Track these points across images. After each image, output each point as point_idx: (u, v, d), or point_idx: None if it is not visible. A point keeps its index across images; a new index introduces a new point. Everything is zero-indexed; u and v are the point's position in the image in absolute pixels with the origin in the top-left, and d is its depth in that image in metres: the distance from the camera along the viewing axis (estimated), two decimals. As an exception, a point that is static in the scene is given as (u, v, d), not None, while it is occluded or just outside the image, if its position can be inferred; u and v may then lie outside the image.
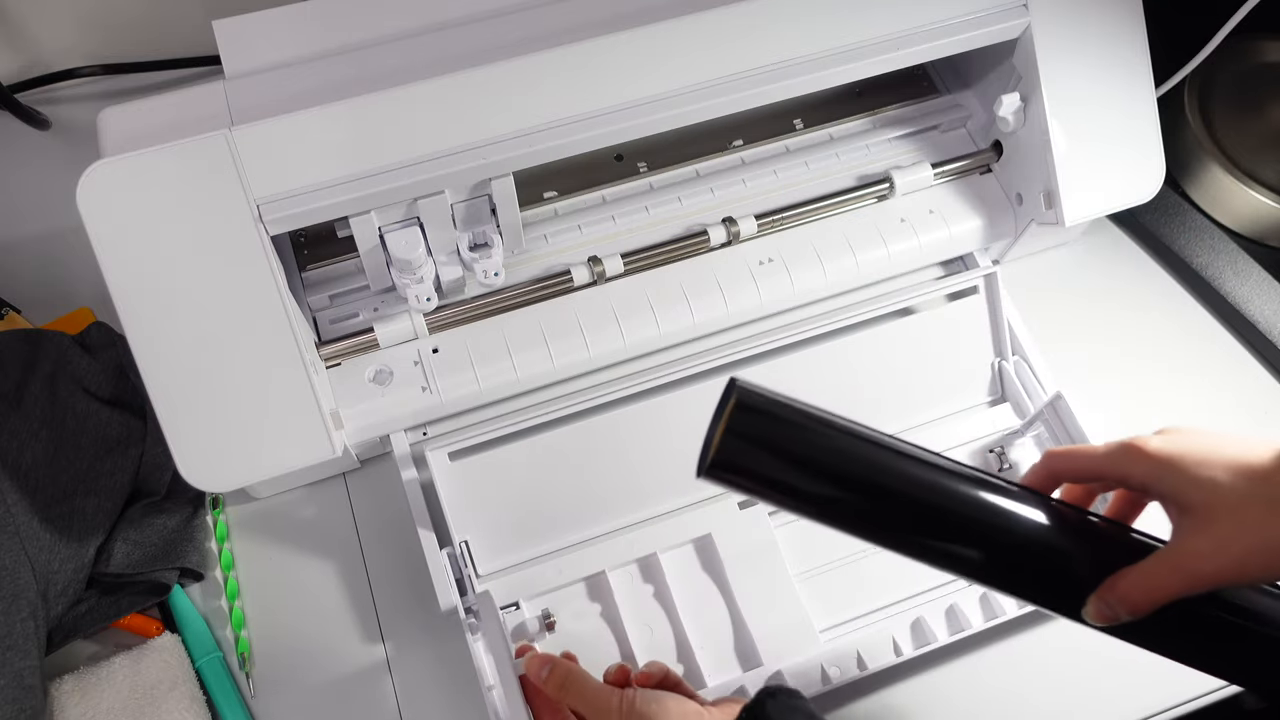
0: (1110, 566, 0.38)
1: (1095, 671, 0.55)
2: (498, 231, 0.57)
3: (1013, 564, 0.40)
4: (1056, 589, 0.40)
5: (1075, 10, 0.59)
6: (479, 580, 0.55)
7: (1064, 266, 0.71)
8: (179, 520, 0.57)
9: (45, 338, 0.58)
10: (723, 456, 0.39)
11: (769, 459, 0.39)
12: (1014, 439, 0.61)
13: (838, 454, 0.39)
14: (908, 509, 0.40)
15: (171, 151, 0.49)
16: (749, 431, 0.39)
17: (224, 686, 0.54)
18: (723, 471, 0.39)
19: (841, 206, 0.64)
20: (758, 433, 0.39)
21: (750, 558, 0.56)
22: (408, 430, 0.59)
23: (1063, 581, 0.39)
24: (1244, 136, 0.72)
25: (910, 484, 0.40)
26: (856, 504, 0.40)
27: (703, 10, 0.54)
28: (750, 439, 0.39)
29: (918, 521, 0.40)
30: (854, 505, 0.40)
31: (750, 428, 0.39)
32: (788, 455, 0.39)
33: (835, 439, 0.40)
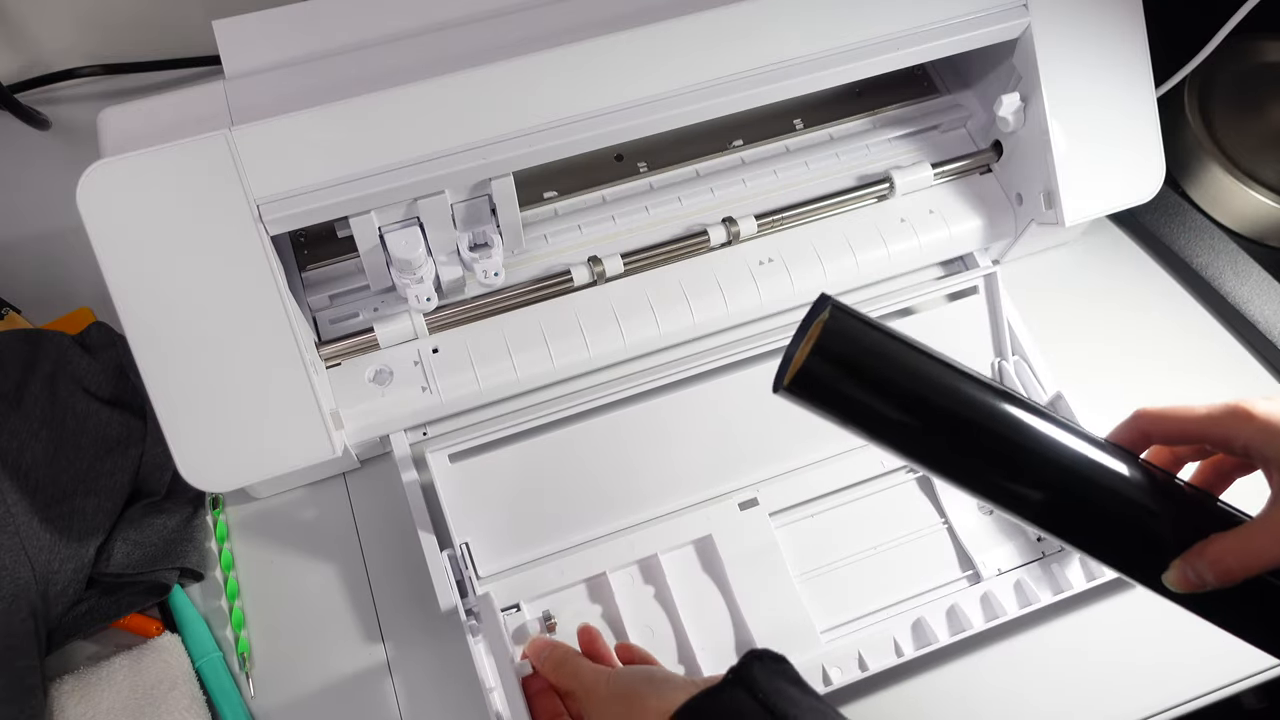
0: (1199, 532, 0.36)
1: (1095, 671, 0.55)
2: (498, 231, 0.57)
3: (1095, 518, 0.38)
4: (1138, 549, 0.38)
5: (1075, 10, 0.59)
6: (480, 582, 0.55)
7: (1064, 266, 0.71)
8: (179, 520, 0.57)
9: (45, 338, 0.58)
10: (803, 377, 0.38)
11: (852, 385, 0.38)
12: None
13: (924, 386, 0.38)
14: (990, 448, 0.38)
15: (171, 151, 0.49)
16: (834, 356, 0.38)
17: (224, 686, 0.54)
18: (801, 392, 0.38)
19: (841, 206, 0.64)
20: (843, 358, 0.38)
21: (751, 558, 0.56)
22: (408, 430, 0.59)
23: (1146, 542, 0.38)
24: (1244, 136, 0.72)
25: (995, 421, 0.38)
26: (937, 440, 0.38)
27: (703, 10, 0.54)
28: (835, 362, 0.38)
29: (998, 461, 0.38)
30: (935, 441, 0.38)
31: (836, 352, 0.38)
32: (872, 384, 0.38)
33: (923, 370, 0.38)
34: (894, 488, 0.60)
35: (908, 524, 0.58)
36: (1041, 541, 0.58)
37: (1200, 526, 0.37)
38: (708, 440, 0.60)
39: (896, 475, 0.60)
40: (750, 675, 0.42)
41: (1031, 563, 0.57)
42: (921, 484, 0.60)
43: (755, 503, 0.58)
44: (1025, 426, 0.38)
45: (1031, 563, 0.57)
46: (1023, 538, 0.58)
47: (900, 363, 0.38)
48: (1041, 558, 0.57)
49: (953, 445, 0.39)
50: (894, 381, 0.38)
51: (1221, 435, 0.38)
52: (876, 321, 0.39)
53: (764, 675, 0.42)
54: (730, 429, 0.60)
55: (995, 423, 0.38)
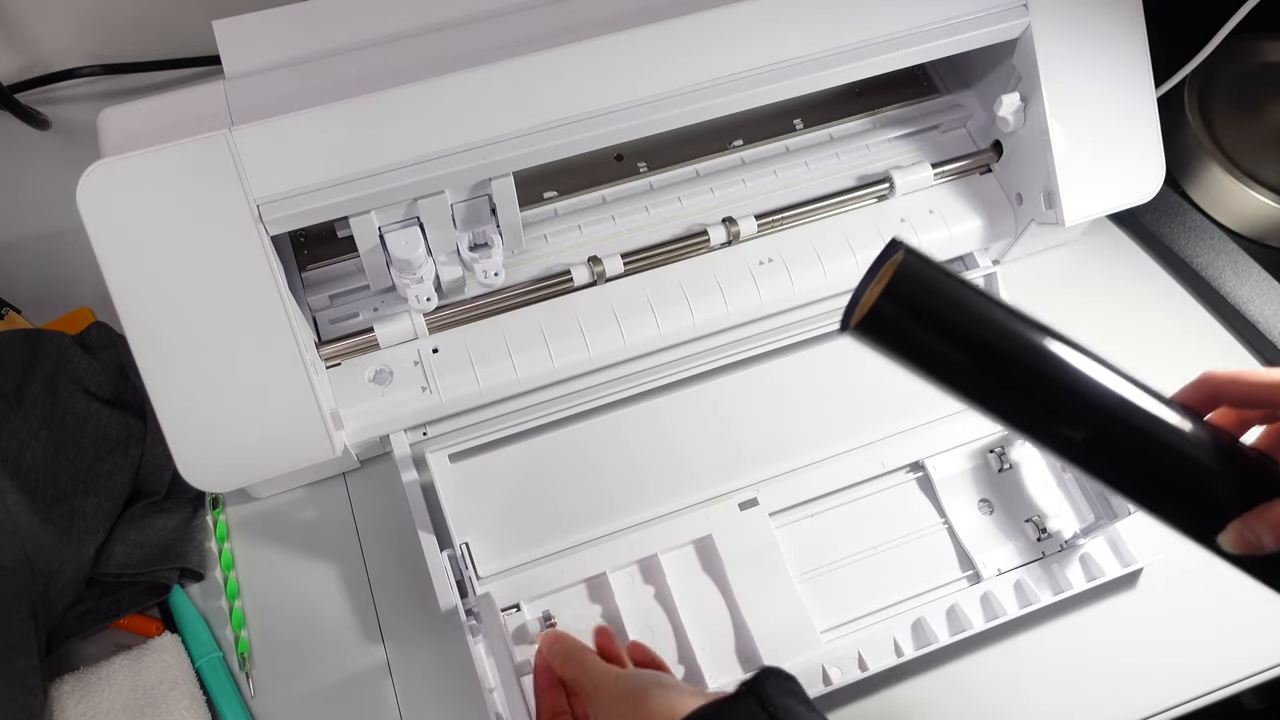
0: (1260, 495, 0.37)
1: (1095, 671, 0.55)
2: (498, 231, 0.57)
3: (1157, 473, 0.38)
4: (1198, 506, 0.38)
5: (1075, 10, 0.59)
6: (480, 582, 0.55)
7: (1064, 266, 0.71)
8: (179, 520, 0.57)
9: (45, 338, 0.58)
10: (873, 318, 0.38)
11: (920, 328, 0.38)
12: (1013, 439, 0.61)
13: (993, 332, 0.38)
14: (1054, 398, 0.38)
15: (171, 151, 0.49)
16: (904, 298, 0.38)
17: (224, 686, 0.54)
18: (869, 333, 0.39)
19: (841, 206, 0.64)
20: (913, 301, 0.38)
21: (751, 558, 0.56)
22: (408, 430, 0.59)
23: (1206, 500, 0.38)
24: (1244, 136, 0.72)
25: (1062, 372, 0.38)
26: (1003, 387, 0.39)
27: (703, 10, 0.54)
28: (905, 305, 0.38)
29: (1061, 411, 0.38)
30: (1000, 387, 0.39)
31: (906, 295, 0.38)
32: (940, 328, 0.38)
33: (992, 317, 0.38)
34: (894, 488, 0.60)
35: (908, 524, 0.58)
36: (1041, 541, 0.58)
37: (1262, 490, 0.37)
38: (708, 440, 0.60)
39: (896, 475, 0.60)
40: (763, 689, 0.42)
41: (1031, 563, 0.57)
42: (921, 484, 0.60)
43: (755, 503, 0.58)
44: (1092, 379, 0.38)
45: (1031, 563, 0.57)
46: (1023, 538, 0.58)
47: (970, 308, 0.39)
48: (1041, 558, 0.57)
49: (1018, 392, 0.39)
50: (963, 326, 0.38)
51: None
52: (948, 268, 0.39)
53: (775, 691, 0.42)
54: (730, 429, 0.60)
55: (1062, 373, 0.38)
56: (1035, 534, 0.58)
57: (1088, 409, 0.38)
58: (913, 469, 0.60)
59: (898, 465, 0.60)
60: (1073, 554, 0.57)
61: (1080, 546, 0.57)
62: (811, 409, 0.61)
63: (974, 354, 0.39)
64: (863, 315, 0.38)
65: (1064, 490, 0.60)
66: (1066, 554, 0.57)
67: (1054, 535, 0.58)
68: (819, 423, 0.61)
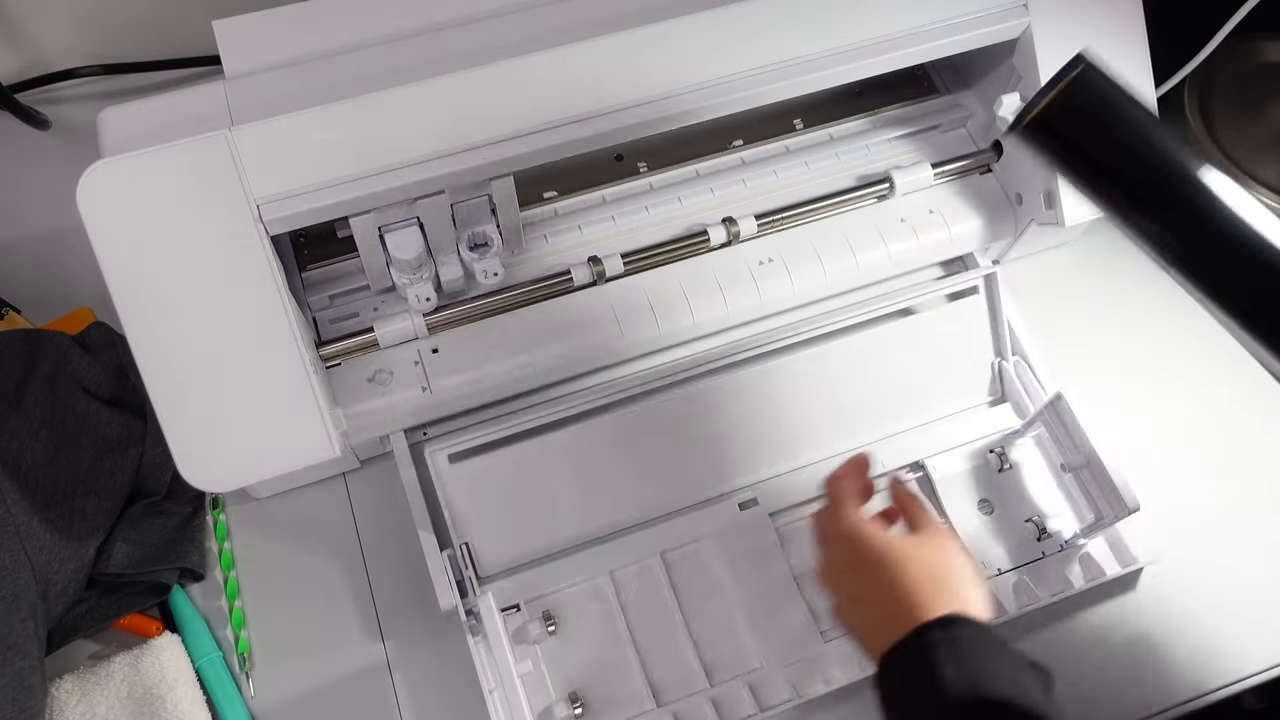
0: None
1: (1095, 671, 0.55)
2: (498, 231, 0.57)
3: None
4: None
5: (1075, 10, 0.59)
6: (479, 582, 0.55)
7: (1064, 266, 0.70)
8: (179, 520, 0.57)
9: (45, 338, 0.58)
10: (1043, 120, 0.40)
11: (1086, 139, 0.40)
12: (1014, 439, 0.61)
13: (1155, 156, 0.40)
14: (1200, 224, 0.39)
15: (171, 151, 0.49)
16: (1080, 106, 0.40)
17: (224, 686, 0.54)
18: (1037, 135, 0.40)
19: (841, 206, 0.64)
20: (1087, 112, 0.40)
21: (751, 558, 0.56)
22: (408, 430, 0.59)
23: None
24: (1244, 136, 0.72)
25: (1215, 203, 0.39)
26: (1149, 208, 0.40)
27: (703, 10, 0.54)
28: (1079, 114, 0.40)
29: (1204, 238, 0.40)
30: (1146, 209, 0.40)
31: (1082, 105, 0.40)
32: (1104, 144, 0.40)
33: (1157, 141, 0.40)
34: (894, 488, 0.60)
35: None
36: (1041, 541, 0.58)
37: None
38: (708, 440, 0.60)
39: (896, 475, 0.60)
40: None
41: (1031, 563, 0.57)
42: (921, 484, 0.60)
43: (755, 503, 0.58)
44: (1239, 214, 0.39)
45: (1031, 563, 0.57)
46: (1023, 538, 0.58)
47: (1133, 133, 0.40)
48: (1041, 558, 0.57)
49: (1158, 213, 0.40)
50: (1126, 152, 0.40)
51: None
52: (1126, 90, 0.40)
53: None
54: (730, 429, 0.60)
55: (1214, 205, 0.39)
56: (1035, 534, 0.58)
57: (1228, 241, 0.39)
58: (913, 469, 0.60)
59: (898, 465, 0.60)
60: (1073, 554, 0.57)
61: (1080, 546, 0.57)
62: (811, 409, 0.61)
63: (1126, 179, 0.40)
64: (1035, 117, 0.40)
65: (1064, 490, 0.60)
66: (1066, 554, 0.57)
67: (1054, 535, 0.58)
68: (819, 423, 0.61)
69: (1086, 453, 0.57)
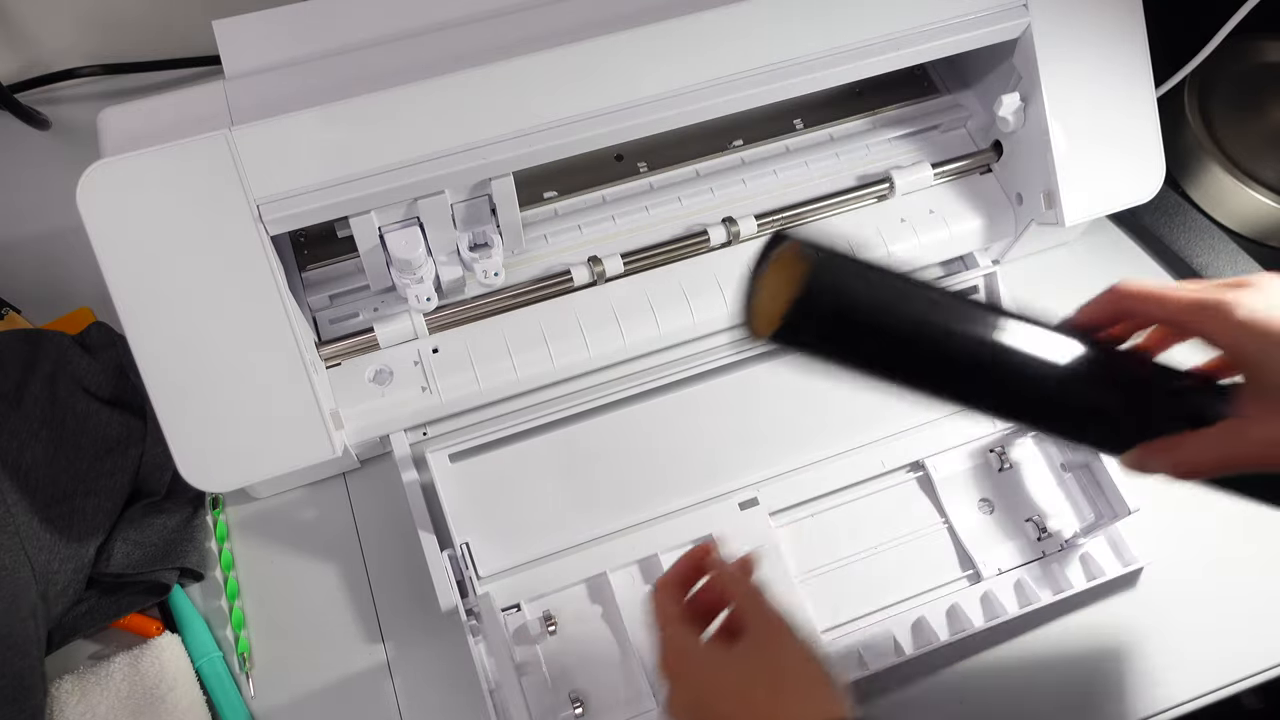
0: (1171, 421, 0.38)
1: (1095, 671, 0.55)
2: (498, 231, 0.57)
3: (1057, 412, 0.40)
4: (1100, 434, 0.41)
5: (1075, 10, 0.59)
6: (480, 582, 0.55)
7: (1064, 266, 0.71)
8: (179, 520, 0.57)
9: (45, 338, 0.58)
10: (787, 328, 0.38)
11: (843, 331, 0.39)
12: (1014, 439, 0.61)
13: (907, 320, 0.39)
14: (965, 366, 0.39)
15: (171, 151, 0.49)
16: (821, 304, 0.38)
17: (224, 686, 0.54)
18: (785, 342, 0.39)
19: (841, 206, 0.64)
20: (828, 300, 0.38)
21: (750, 558, 0.56)
22: (408, 430, 0.59)
23: (1109, 429, 0.40)
24: (1244, 136, 0.72)
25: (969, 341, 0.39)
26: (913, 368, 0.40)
27: (703, 10, 0.54)
28: (824, 310, 0.38)
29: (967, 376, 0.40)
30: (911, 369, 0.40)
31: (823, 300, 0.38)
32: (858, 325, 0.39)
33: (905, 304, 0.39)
34: (894, 488, 0.60)
35: (908, 524, 0.58)
36: (1041, 541, 0.58)
37: (1173, 414, 0.39)
38: (708, 440, 0.60)
39: (896, 475, 0.60)
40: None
41: (1031, 563, 0.57)
42: (921, 484, 0.60)
43: (755, 502, 0.58)
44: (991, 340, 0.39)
45: (1031, 563, 0.57)
46: (1023, 538, 0.58)
47: (887, 301, 0.39)
48: (1041, 557, 0.57)
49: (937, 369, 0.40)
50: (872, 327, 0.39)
51: (1199, 330, 0.38)
52: (851, 254, 0.39)
53: None
54: (730, 429, 0.60)
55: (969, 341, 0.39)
56: (1035, 533, 0.58)
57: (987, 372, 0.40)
58: (913, 469, 0.60)
59: (898, 465, 0.60)
60: (1073, 554, 0.57)
61: (1080, 546, 0.57)
62: (812, 409, 0.61)
63: (893, 345, 0.39)
64: (777, 323, 0.38)
65: (1064, 490, 0.60)
66: (1066, 554, 0.57)
67: (1054, 535, 0.58)
68: (819, 422, 0.61)
69: (1086, 452, 0.57)
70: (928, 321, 0.39)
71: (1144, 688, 0.54)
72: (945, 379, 0.40)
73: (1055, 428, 0.42)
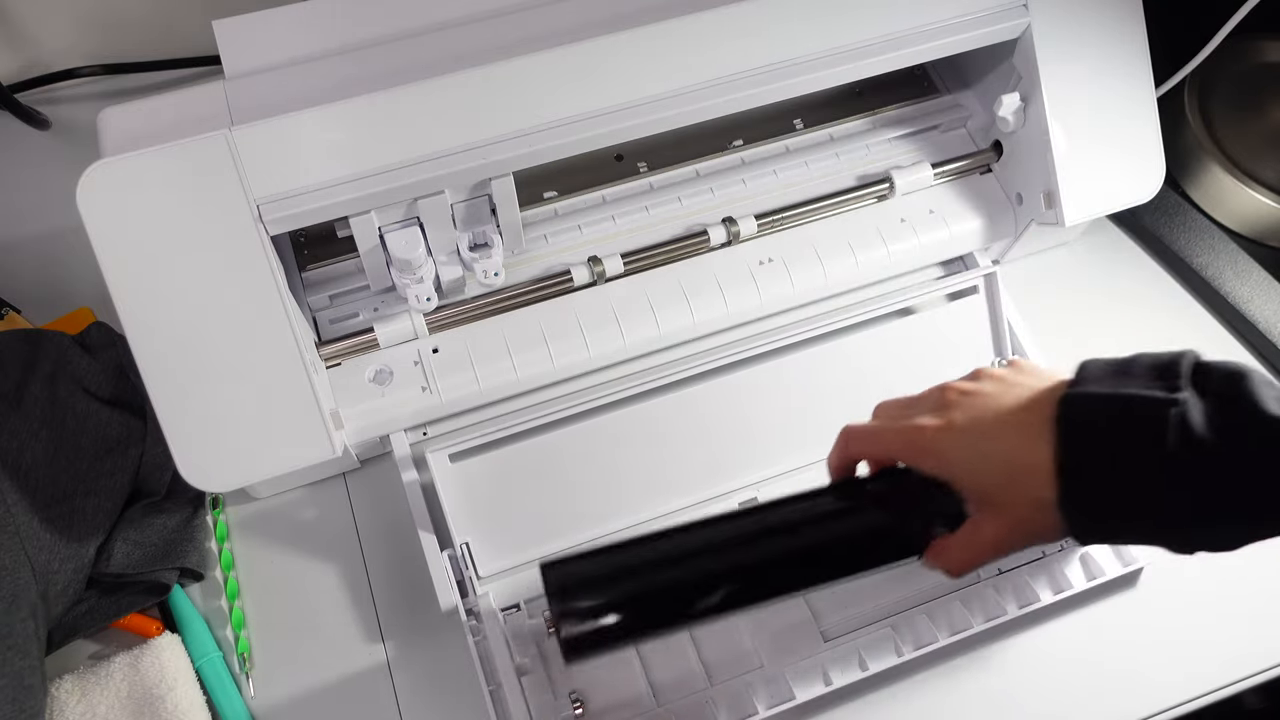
0: (927, 536, 0.44)
1: (1095, 672, 0.55)
2: (498, 231, 0.57)
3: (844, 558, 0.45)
4: (898, 556, 0.45)
5: (1075, 10, 0.59)
6: (480, 582, 0.55)
7: (1064, 266, 0.71)
8: (179, 520, 0.57)
9: (45, 338, 0.58)
10: (570, 650, 0.42)
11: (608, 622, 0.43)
12: (1014, 439, 0.61)
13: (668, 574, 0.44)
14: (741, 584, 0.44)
15: (171, 151, 0.49)
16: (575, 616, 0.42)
17: (224, 686, 0.54)
18: (584, 657, 0.43)
19: (841, 206, 0.64)
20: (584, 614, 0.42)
21: (750, 558, 0.56)
22: (408, 430, 0.59)
23: (891, 552, 0.45)
24: (1244, 136, 0.72)
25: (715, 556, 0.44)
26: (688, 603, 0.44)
27: (703, 10, 0.54)
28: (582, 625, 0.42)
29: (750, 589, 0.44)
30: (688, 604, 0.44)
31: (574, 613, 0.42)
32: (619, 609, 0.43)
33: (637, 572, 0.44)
34: (894, 488, 0.60)
35: (908, 524, 0.58)
36: (1041, 541, 0.58)
37: (925, 532, 0.44)
38: (708, 440, 0.59)
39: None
40: None
41: (1031, 562, 0.57)
42: (921, 484, 0.60)
43: (755, 502, 0.58)
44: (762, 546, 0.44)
45: (1031, 562, 0.57)
46: (1023, 538, 0.58)
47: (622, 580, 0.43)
48: (1042, 557, 0.57)
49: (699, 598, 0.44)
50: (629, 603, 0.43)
51: (911, 464, 0.44)
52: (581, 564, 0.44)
53: None
54: (730, 429, 0.60)
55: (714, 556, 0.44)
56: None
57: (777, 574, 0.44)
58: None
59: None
60: (1073, 554, 0.57)
61: (1080, 546, 0.57)
62: (811, 409, 0.61)
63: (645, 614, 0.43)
64: (563, 647, 0.42)
65: (1064, 490, 0.60)
66: (1066, 554, 0.57)
67: (1054, 535, 0.58)
68: (819, 423, 0.60)
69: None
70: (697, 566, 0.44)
71: (1144, 688, 0.54)
72: (740, 601, 0.44)
73: (857, 569, 0.45)
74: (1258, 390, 0.36)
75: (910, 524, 0.44)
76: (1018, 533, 0.41)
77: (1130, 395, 0.38)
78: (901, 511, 0.45)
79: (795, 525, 0.45)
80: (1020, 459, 0.40)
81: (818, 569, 0.45)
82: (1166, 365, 0.39)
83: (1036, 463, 0.39)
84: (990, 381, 0.44)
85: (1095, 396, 0.39)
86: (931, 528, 0.44)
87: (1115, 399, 0.38)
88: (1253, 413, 0.36)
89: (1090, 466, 0.39)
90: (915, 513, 0.44)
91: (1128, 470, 0.38)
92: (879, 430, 0.46)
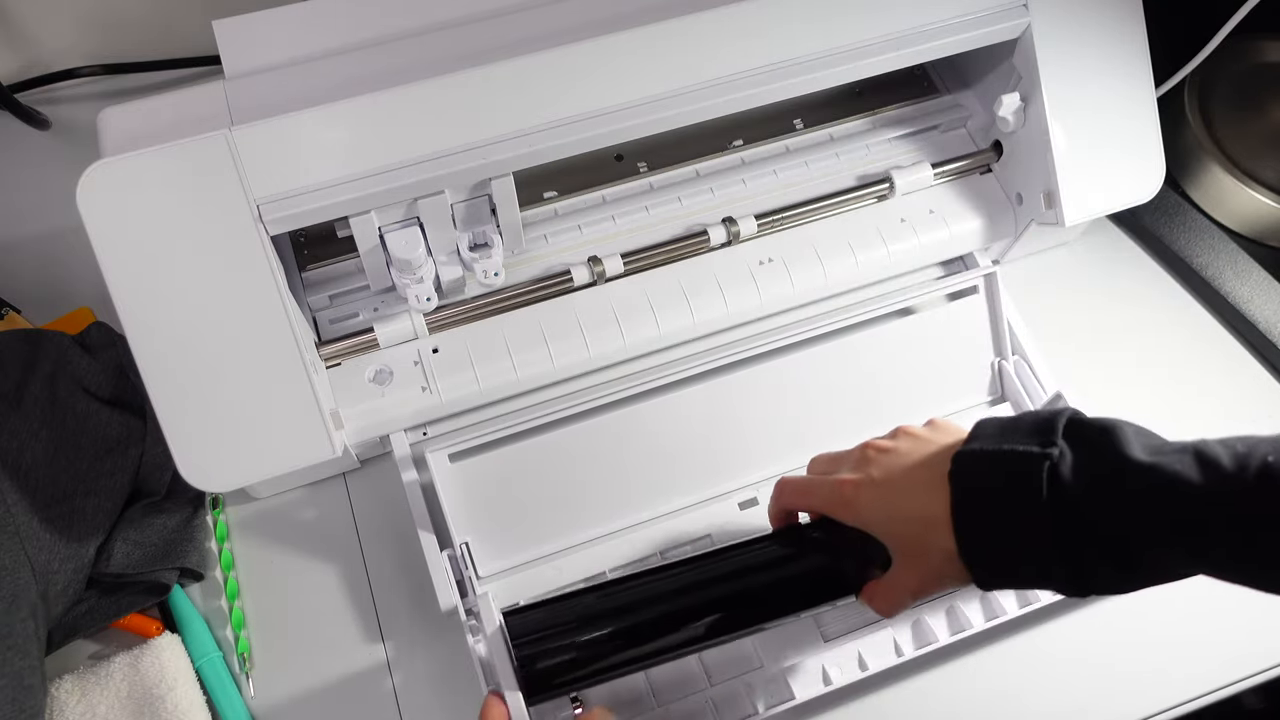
0: (863, 577, 0.48)
1: (1095, 672, 0.55)
2: (498, 231, 0.57)
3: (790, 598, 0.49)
4: (836, 594, 0.49)
5: (1075, 10, 0.59)
6: (480, 582, 0.55)
7: (1064, 266, 0.71)
8: (179, 520, 0.57)
9: (45, 338, 0.58)
10: (531, 686, 0.46)
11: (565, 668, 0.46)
12: (1014, 439, 0.61)
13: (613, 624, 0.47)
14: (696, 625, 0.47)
15: (171, 151, 0.49)
16: (535, 663, 0.46)
17: (224, 686, 0.54)
18: (544, 698, 0.47)
19: (841, 206, 0.64)
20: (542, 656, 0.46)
21: (750, 558, 0.56)
22: (408, 430, 0.59)
23: (828, 592, 0.49)
24: (1244, 136, 0.72)
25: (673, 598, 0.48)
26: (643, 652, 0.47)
27: (703, 10, 0.54)
28: (541, 666, 0.46)
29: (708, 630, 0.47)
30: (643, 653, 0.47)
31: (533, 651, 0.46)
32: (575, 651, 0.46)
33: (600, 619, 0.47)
34: (894, 488, 0.60)
35: (908, 524, 0.58)
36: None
37: (866, 565, 0.47)
38: (708, 440, 0.59)
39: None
40: None
41: (1031, 563, 0.57)
42: (921, 484, 0.60)
43: (755, 502, 0.58)
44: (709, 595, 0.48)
45: (1031, 563, 0.57)
46: (1023, 538, 0.58)
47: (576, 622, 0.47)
48: (1041, 558, 0.57)
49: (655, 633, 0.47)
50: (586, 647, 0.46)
51: (837, 517, 0.47)
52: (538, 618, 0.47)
53: None
54: (730, 429, 0.60)
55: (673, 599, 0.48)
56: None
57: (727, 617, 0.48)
58: (913, 469, 0.60)
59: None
60: (1073, 554, 0.57)
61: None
62: (811, 409, 0.61)
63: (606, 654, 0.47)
64: (525, 694, 0.45)
65: (1064, 490, 0.60)
66: (1066, 554, 0.57)
67: (1054, 535, 0.58)
68: (819, 423, 0.61)
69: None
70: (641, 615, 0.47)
71: (1144, 688, 0.54)
72: (688, 643, 0.48)
73: (796, 609, 0.49)
74: (1126, 440, 0.39)
75: (845, 567, 0.48)
76: (931, 580, 0.45)
77: (1008, 451, 0.41)
78: (836, 556, 0.48)
79: (739, 572, 0.48)
80: (926, 513, 0.43)
81: (758, 610, 0.48)
82: (1045, 421, 0.42)
83: (939, 516, 0.42)
84: (906, 439, 0.47)
85: (981, 454, 0.42)
86: (868, 568, 0.47)
87: (997, 455, 0.42)
88: (1121, 460, 0.39)
89: (978, 519, 0.42)
90: (848, 556, 0.48)
91: (1009, 521, 0.40)
92: (808, 484, 0.50)
